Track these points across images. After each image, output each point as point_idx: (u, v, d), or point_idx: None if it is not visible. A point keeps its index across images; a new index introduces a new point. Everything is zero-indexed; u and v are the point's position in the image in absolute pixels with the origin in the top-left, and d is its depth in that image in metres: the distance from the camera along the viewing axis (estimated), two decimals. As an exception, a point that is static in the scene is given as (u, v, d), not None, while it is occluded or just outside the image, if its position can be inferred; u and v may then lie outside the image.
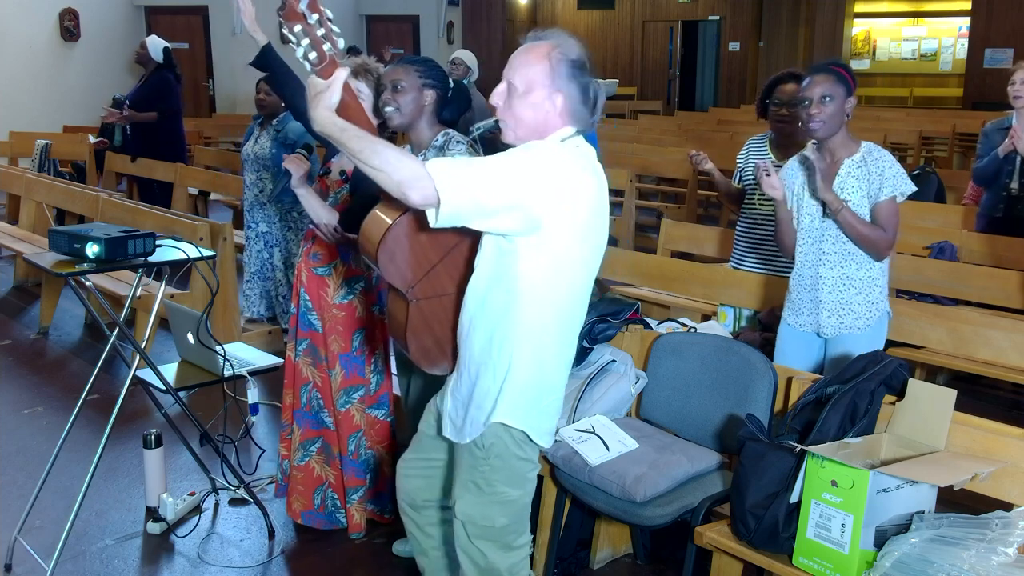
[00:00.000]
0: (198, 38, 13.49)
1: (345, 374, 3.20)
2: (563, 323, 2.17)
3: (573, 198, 2.05)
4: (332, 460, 3.29)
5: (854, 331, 3.06)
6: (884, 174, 2.96)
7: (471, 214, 1.96)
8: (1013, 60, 5.76)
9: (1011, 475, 2.28)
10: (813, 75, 3.00)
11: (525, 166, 2.01)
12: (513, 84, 2.10)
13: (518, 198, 1.98)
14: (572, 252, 2.10)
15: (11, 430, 4.30)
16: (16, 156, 9.44)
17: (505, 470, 2.17)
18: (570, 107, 2.11)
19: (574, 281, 2.15)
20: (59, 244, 3.06)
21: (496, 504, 2.19)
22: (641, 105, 16.59)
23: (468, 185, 1.92)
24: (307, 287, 3.22)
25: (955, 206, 6.08)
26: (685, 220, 7.67)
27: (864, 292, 3.05)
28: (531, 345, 2.12)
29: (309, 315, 3.23)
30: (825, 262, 3.06)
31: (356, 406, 3.22)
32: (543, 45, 2.12)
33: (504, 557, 2.22)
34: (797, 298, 3.16)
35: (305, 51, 1.99)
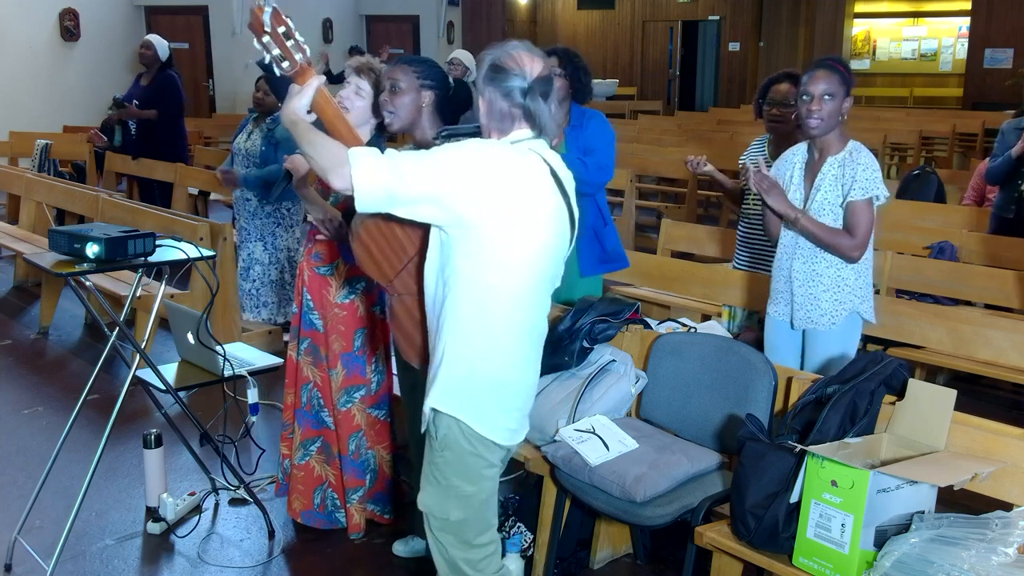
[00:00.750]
0: (198, 38, 13.49)
1: (346, 373, 3.20)
2: (505, 322, 2.16)
3: (500, 199, 2.07)
4: (332, 460, 3.29)
5: (819, 327, 3.10)
6: (856, 175, 2.97)
7: (386, 201, 2.04)
8: (1013, 60, 5.76)
9: (1011, 475, 2.28)
10: (816, 70, 3.00)
11: (453, 161, 2.07)
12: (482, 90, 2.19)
13: (436, 190, 2.04)
14: (506, 252, 2.10)
15: (11, 430, 4.30)
16: (16, 156, 9.43)
17: (457, 464, 2.21)
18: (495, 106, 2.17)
19: (513, 281, 2.14)
20: (59, 244, 3.06)
21: (452, 498, 2.23)
22: (641, 105, 16.59)
23: (383, 174, 2.01)
24: (309, 286, 3.22)
25: (955, 206, 6.08)
26: (685, 220, 7.67)
27: (832, 290, 3.08)
28: (464, 338, 2.15)
29: (311, 314, 3.23)
30: (799, 256, 3.10)
31: (357, 406, 3.22)
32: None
33: (464, 552, 2.27)
34: (774, 288, 3.23)
35: (276, 60, 2.15)
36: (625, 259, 3.98)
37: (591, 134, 3.70)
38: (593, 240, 3.77)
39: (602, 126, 3.76)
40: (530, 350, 2.25)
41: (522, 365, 2.24)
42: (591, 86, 3.80)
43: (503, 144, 2.15)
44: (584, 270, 3.78)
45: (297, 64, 2.17)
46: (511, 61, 2.17)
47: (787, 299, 3.17)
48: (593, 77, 3.84)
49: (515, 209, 2.09)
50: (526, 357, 2.24)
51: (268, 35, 2.14)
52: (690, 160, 4.00)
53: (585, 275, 3.78)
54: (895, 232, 5.39)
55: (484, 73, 2.19)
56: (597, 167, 3.67)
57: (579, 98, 3.76)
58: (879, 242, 5.17)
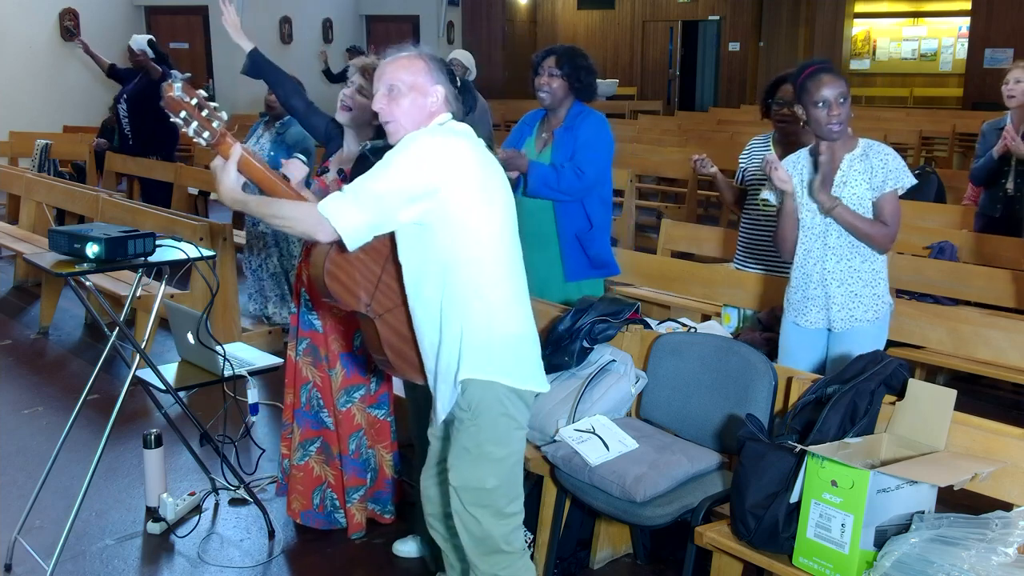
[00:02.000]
0: (198, 38, 13.50)
1: (346, 373, 3.20)
2: (499, 276, 2.30)
3: (458, 162, 2.23)
4: (331, 460, 3.29)
5: (863, 323, 3.08)
6: (888, 166, 2.99)
7: (371, 232, 2.21)
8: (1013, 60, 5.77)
9: (1011, 475, 2.28)
10: (820, 75, 2.98)
11: (404, 160, 2.20)
12: (395, 86, 2.31)
13: (406, 193, 2.18)
14: (478, 211, 2.25)
15: (11, 430, 4.30)
16: (16, 156, 9.44)
17: (490, 428, 2.29)
18: (448, 97, 2.36)
19: (493, 233, 2.28)
20: (59, 244, 3.06)
21: (485, 463, 2.30)
22: (641, 105, 16.59)
23: (357, 214, 2.16)
24: (308, 287, 3.23)
25: (955, 206, 6.07)
26: (685, 220, 7.67)
27: (871, 284, 3.08)
28: (476, 305, 2.26)
29: (309, 315, 3.23)
30: (831, 256, 3.07)
31: (357, 405, 3.22)
32: (409, 53, 2.37)
33: (498, 524, 2.33)
34: (803, 296, 3.14)
35: (196, 131, 2.21)
36: (614, 266, 3.88)
37: (581, 137, 3.63)
38: (575, 245, 3.70)
39: (595, 129, 3.66)
40: (525, 300, 2.39)
41: (525, 316, 2.37)
42: (595, 85, 3.74)
43: (432, 129, 2.30)
44: (568, 275, 3.72)
45: (216, 132, 2.23)
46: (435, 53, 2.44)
47: (821, 303, 3.10)
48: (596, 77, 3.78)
49: (475, 178, 2.25)
50: (525, 308, 2.38)
51: (184, 108, 2.18)
52: (696, 158, 4.00)
53: (570, 280, 3.73)
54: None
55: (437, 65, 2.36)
56: (571, 173, 3.55)
57: (583, 97, 3.71)
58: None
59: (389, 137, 2.35)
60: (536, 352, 2.40)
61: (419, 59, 2.34)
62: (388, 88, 2.31)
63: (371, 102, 2.86)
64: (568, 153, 3.61)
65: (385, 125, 2.34)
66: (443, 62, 2.40)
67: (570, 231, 3.70)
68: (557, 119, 3.71)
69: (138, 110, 7.54)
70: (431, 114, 2.32)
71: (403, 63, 2.33)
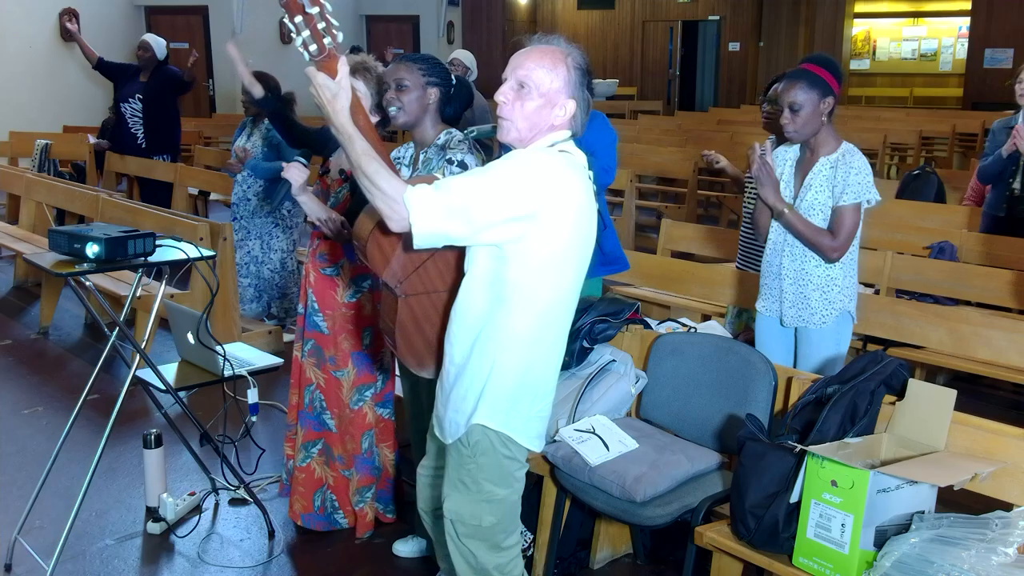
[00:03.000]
0: (198, 38, 13.48)
1: (357, 372, 3.21)
2: (551, 330, 2.17)
3: (562, 203, 2.05)
4: (332, 462, 3.29)
5: (810, 326, 3.13)
6: (848, 180, 2.99)
7: (445, 240, 2.01)
8: (1013, 60, 5.77)
9: (1011, 475, 2.28)
10: (788, 80, 3.03)
11: (511, 183, 2.02)
12: (526, 85, 2.10)
13: (500, 217, 2.00)
14: (562, 257, 2.11)
15: (11, 430, 4.30)
16: (16, 156, 9.43)
17: (491, 468, 2.19)
18: (577, 114, 2.15)
19: (563, 286, 2.15)
20: (59, 244, 3.06)
21: (483, 503, 2.20)
22: (641, 105, 16.58)
23: (440, 219, 1.96)
24: (315, 288, 3.22)
25: (955, 206, 6.07)
26: (685, 220, 7.67)
27: (821, 289, 3.10)
28: (516, 351, 2.13)
29: (315, 316, 3.23)
30: (788, 253, 3.13)
31: (368, 404, 3.24)
32: (556, 50, 2.14)
33: (493, 557, 2.24)
34: (764, 283, 3.26)
35: (305, 41, 1.99)
36: (625, 261, 3.96)
37: (592, 136, 3.65)
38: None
39: (603, 128, 3.73)
40: (562, 351, 2.26)
41: (556, 371, 2.25)
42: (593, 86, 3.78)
43: (548, 152, 2.11)
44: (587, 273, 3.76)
45: (326, 49, 1.99)
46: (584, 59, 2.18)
47: (776, 295, 3.19)
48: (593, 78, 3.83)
49: (571, 218, 2.08)
50: (559, 361, 2.26)
51: (302, 15, 1.97)
52: (706, 154, 4.20)
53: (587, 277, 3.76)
54: (895, 232, 5.39)
55: (579, 76, 2.15)
56: (600, 170, 3.61)
57: None
58: (878, 242, 5.18)
59: (500, 133, 2.17)
60: (549, 410, 2.27)
61: (563, 64, 2.12)
62: (519, 84, 2.10)
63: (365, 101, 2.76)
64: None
65: (500, 119, 2.14)
66: (585, 71, 2.18)
67: None
68: None
69: (154, 110, 7.47)
70: (552, 127, 2.13)
71: (545, 62, 2.11)
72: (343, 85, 2.01)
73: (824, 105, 3.00)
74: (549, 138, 2.14)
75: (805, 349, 3.18)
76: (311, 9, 1.98)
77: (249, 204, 5.56)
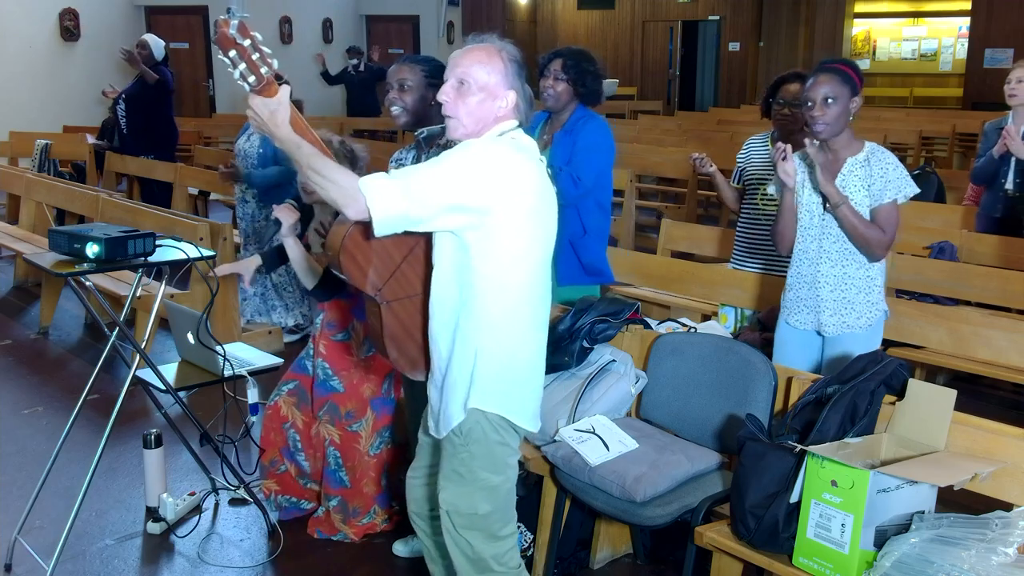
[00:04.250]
0: (198, 38, 13.49)
1: (377, 416, 3.25)
2: (525, 307, 2.23)
3: (517, 187, 2.13)
4: (350, 518, 3.30)
5: (855, 330, 3.05)
6: (888, 176, 2.95)
7: (404, 224, 2.07)
8: (1013, 60, 5.76)
9: (1011, 475, 2.28)
10: (817, 75, 2.97)
11: (462, 167, 2.09)
12: (466, 81, 2.19)
13: (455, 200, 2.07)
14: (524, 238, 2.17)
15: (11, 430, 4.30)
16: (16, 156, 9.43)
17: (484, 456, 2.23)
18: (519, 104, 2.25)
19: (531, 266, 2.21)
20: (59, 244, 3.06)
21: (478, 491, 2.24)
22: (641, 105, 16.59)
23: (398, 200, 2.03)
24: (327, 356, 3.28)
25: (955, 206, 6.07)
26: (685, 220, 7.67)
27: (864, 291, 3.05)
28: (496, 335, 2.19)
29: (331, 381, 3.28)
30: (825, 260, 3.05)
31: (387, 443, 3.28)
32: (490, 46, 2.24)
33: (490, 546, 2.28)
34: (796, 296, 3.14)
35: (242, 73, 2.09)
36: (608, 275, 3.86)
37: (580, 143, 3.62)
38: (568, 251, 3.68)
39: (595, 135, 3.65)
40: (544, 335, 2.32)
41: (540, 351, 2.31)
42: (601, 91, 3.71)
43: (496, 139, 2.20)
44: (561, 279, 3.70)
45: (263, 79, 2.11)
46: (518, 53, 2.26)
47: (812, 306, 3.09)
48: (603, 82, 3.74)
49: (527, 203, 2.15)
50: (542, 340, 2.31)
51: (235, 48, 2.07)
52: (695, 156, 3.99)
53: (563, 284, 3.72)
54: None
55: (515, 68, 2.23)
56: (568, 179, 3.54)
57: (587, 102, 3.69)
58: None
59: (448, 131, 2.25)
60: (540, 390, 2.34)
61: (498, 57, 2.21)
62: (459, 81, 2.19)
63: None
64: (566, 157, 3.61)
65: (447, 119, 2.23)
66: (521, 64, 2.27)
67: (564, 236, 3.68)
68: (559, 122, 3.71)
69: (136, 110, 7.54)
70: (497, 119, 2.22)
71: (481, 58, 2.20)
72: (281, 101, 2.09)
73: (853, 104, 2.95)
74: (497, 129, 2.22)
75: (842, 353, 3.05)
76: (243, 41, 2.07)
77: (248, 206, 5.53)
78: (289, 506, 3.44)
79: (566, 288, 3.71)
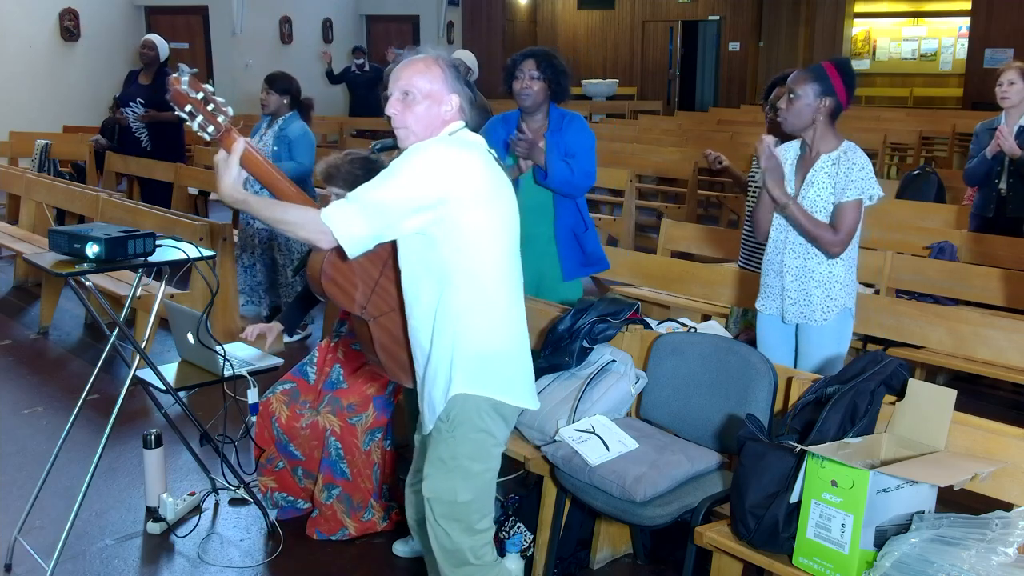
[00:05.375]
0: (198, 38, 13.49)
1: (376, 416, 3.26)
2: (499, 293, 2.29)
3: (467, 175, 2.21)
4: (354, 512, 3.30)
5: (812, 322, 3.14)
6: (851, 176, 3.01)
7: (373, 241, 2.19)
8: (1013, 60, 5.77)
9: (1011, 475, 2.28)
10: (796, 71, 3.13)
11: (411, 169, 2.19)
12: (410, 92, 2.27)
13: (412, 203, 2.16)
14: (486, 221, 2.24)
15: (11, 430, 4.30)
16: (16, 156, 9.43)
17: (468, 443, 2.29)
18: (463, 106, 2.33)
19: (496, 252, 2.28)
20: (59, 244, 3.06)
21: (459, 478, 2.29)
22: (641, 105, 16.58)
23: (360, 223, 2.14)
24: (344, 363, 3.37)
25: (955, 206, 6.07)
26: (685, 220, 7.67)
27: (824, 286, 3.10)
28: (472, 321, 2.26)
29: (340, 383, 3.35)
30: (790, 251, 3.13)
31: (376, 443, 3.28)
32: (427, 57, 2.34)
33: (467, 539, 2.33)
34: (764, 282, 3.26)
35: (200, 125, 2.18)
36: (605, 261, 3.97)
37: (572, 139, 3.69)
38: (574, 244, 3.76)
39: (583, 130, 3.75)
40: (521, 315, 2.38)
41: (519, 331, 2.37)
42: (568, 87, 3.78)
43: (442, 138, 2.28)
44: (567, 274, 3.77)
45: (221, 127, 2.20)
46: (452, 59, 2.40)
47: (777, 293, 3.20)
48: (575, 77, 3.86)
49: (483, 191, 2.23)
50: (520, 323, 2.38)
51: (190, 103, 2.16)
52: (709, 153, 4.14)
53: (568, 279, 3.77)
54: (895, 232, 5.39)
55: (454, 73, 2.33)
56: (583, 173, 3.65)
57: (557, 99, 3.75)
58: (878, 242, 5.18)
59: (399, 141, 2.33)
60: (528, 368, 2.40)
61: (436, 65, 2.31)
62: (403, 93, 2.28)
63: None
64: (560, 155, 3.64)
65: (396, 130, 2.32)
66: (458, 68, 2.37)
67: (568, 230, 3.73)
68: (536, 122, 3.73)
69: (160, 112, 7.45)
70: (444, 122, 2.30)
71: (420, 68, 2.29)
72: (227, 161, 2.20)
73: (821, 103, 3.02)
74: (445, 131, 2.31)
75: (806, 347, 3.19)
76: (196, 95, 2.16)
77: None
78: (286, 505, 3.44)
79: (570, 284, 3.76)
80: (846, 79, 3.05)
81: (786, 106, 3.07)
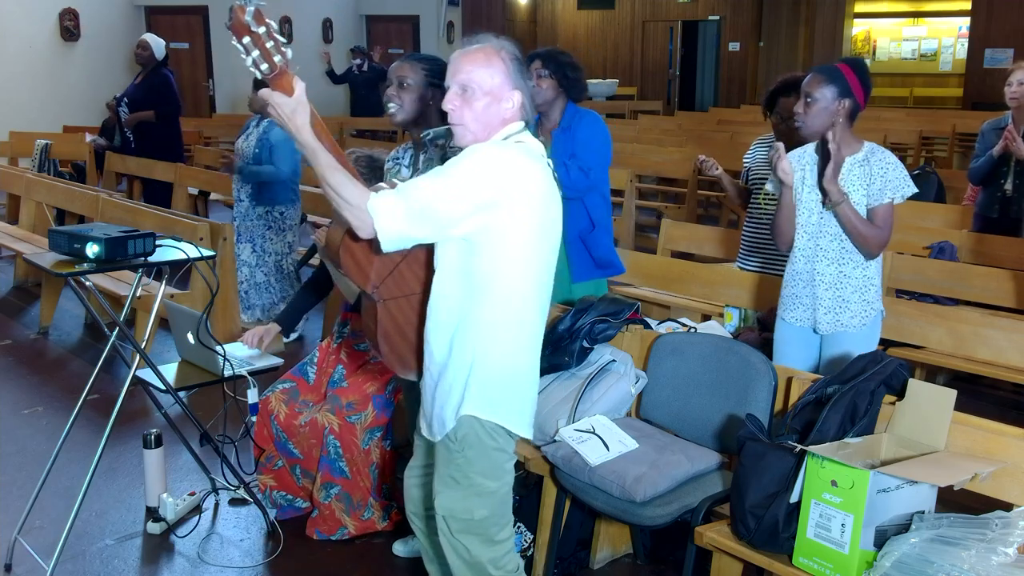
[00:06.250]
0: (198, 38, 13.50)
1: (376, 415, 3.25)
2: (527, 315, 2.21)
3: (524, 187, 2.10)
4: (354, 510, 3.30)
5: (850, 329, 3.06)
6: (887, 176, 2.96)
7: (410, 242, 2.08)
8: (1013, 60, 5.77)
9: (1011, 475, 2.28)
10: (809, 74, 3.03)
11: (468, 174, 2.07)
12: (469, 87, 2.16)
13: (462, 212, 2.05)
14: (529, 245, 2.15)
15: (11, 430, 4.30)
16: (16, 156, 9.43)
17: (480, 461, 2.22)
18: (525, 103, 2.21)
19: (533, 273, 2.19)
20: (59, 244, 3.06)
21: (474, 496, 2.23)
22: (641, 105, 16.59)
23: (402, 222, 2.02)
24: (347, 363, 3.37)
25: (955, 206, 6.08)
26: (685, 220, 7.67)
27: (860, 291, 3.05)
28: (495, 340, 2.17)
29: (342, 383, 3.35)
30: (822, 258, 3.05)
31: (375, 442, 3.27)
32: (488, 47, 2.20)
33: (487, 550, 2.26)
34: (792, 293, 3.14)
35: (255, 61, 2.03)
36: (619, 266, 3.89)
37: (579, 136, 3.64)
38: (580, 246, 3.70)
39: (592, 127, 3.67)
40: (541, 338, 2.30)
41: (536, 357, 2.29)
42: (584, 81, 3.72)
43: (502, 144, 2.17)
44: (575, 276, 3.72)
45: (276, 67, 2.04)
46: (516, 50, 2.23)
47: (808, 303, 3.09)
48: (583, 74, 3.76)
49: (534, 203, 2.13)
50: (539, 347, 2.30)
51: (249, 36, 2.00)
52: (702, 159, 3.99)
53: (577, 281, 3.73)
54: (895, 232, 5.35)
55: (517, 67, 2.20)
56: (578, 171, 3.57)
57: (573, 96, 3.69)
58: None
59: (456, 139, 2.22)
60: (535, 396, 2.32)
61: (498, 57, 2.17)
62: (461, 88, 2.16)
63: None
64: (568, 153, 3.61)
65: (453, 127, 2.20)
66: (522, 61, 2.24)
67: (574, 232, 3.69)
68: (551, 121, 3.70)
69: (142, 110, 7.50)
70: (504, 121, 2.19)
71: (481, 60, 2.16)
72: (300, 100, 2.04)
73: (840, 105, 2.95)
74: (503, 132, 2.20)
75: (837, 353, 3.06)
76: (258, 29, 2.01)
77: (241, 204, 5.58)
78: (285, 504, 3.44)
79: (581, 284, 3.73)
80: (862, 79, 3.00)
81: (803, 111, 2.98)
